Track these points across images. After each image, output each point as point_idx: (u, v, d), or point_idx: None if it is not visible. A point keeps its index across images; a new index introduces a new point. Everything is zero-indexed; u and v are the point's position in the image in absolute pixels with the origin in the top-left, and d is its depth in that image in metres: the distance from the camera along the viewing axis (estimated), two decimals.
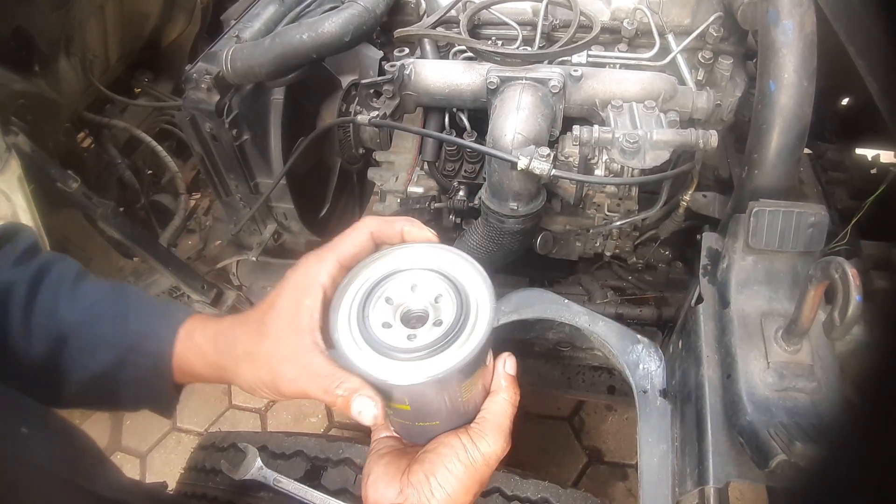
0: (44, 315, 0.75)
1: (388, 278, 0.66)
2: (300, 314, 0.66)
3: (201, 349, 0.75)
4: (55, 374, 0.76)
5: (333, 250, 0.69)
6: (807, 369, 0.86)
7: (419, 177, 1.56)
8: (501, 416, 0.69)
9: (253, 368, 0.69)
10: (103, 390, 0.78)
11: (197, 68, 1.43)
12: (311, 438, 1.25)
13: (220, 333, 0.74)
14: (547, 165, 1.11)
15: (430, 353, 0.60)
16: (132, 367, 0.76)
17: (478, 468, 0.67)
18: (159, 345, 0.76)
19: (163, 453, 2.34)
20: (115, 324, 0.77)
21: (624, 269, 1.60)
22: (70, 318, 0.76)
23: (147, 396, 0.80)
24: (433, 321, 0.63)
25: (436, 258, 0.67)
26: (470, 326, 0.61)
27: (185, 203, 2.02)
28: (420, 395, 0.63)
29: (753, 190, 1.01)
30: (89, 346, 0.76)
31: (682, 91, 1.30)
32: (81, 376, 0.76)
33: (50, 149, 1.70)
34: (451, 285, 0.64)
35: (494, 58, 1.28)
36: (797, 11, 0.99)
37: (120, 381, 0.77)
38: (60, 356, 0.75)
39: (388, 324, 0.63)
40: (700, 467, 0.88)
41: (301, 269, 0.69)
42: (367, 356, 0.61)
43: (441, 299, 0.64)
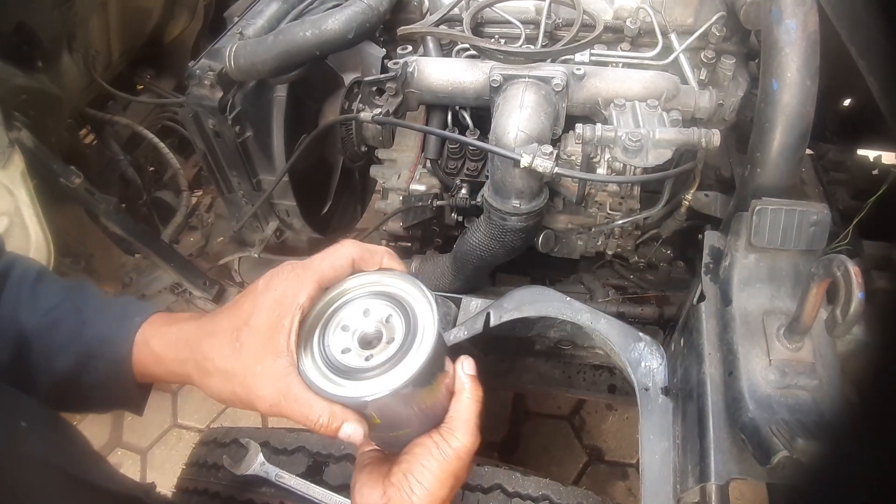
0: (6, 320, 0.76)
1: (341, 307, 0.72)
2: (278, 334, 0.67)
3: (159, 357, 0.76)
4: (24, 379, 0.76)
5: (313, 271, 0.71)
6: (808, 367, 0.86)
7: (421, 174, 1.56)
8: (467, 412, 0.74)
9: (225, 383, 0.70)
10: (71, 393, 0.79)
11: (200, 65, 1.44)
12: (313, 435, 1.25)
13: (181, 341, 0.74)
14: (549, 163, 1.11)
15: (386, 368, 0.66)
16: (93, 373, 0.77)
17: (450, 462, 0.72)
18: (116, 350, 0.77)
19: (164, 450, 2.34)
20: (73, 329, 0.77)
21: (625, 267, 1.61)
22: (31, 324, 0.76)
23: (113, 399, 0.81)
24: (386, 340, 0.69)
25: (382, 283, 0.74)
26: (419, 340, 0.68)
27: (186, 200, 2.02)
28: (386, 407, 0.68)
29: (756, 188, 1.01)
30: (51, 352, 0.77)
31: (684, 90, 1.30)
32: (47, 380, 0.77)
33: (52, 144, 1.71)
34: (399, 306, 0.71)
35: (497, 56, 1.29)
36: (800, 11, 0.99)
37: (84, 385, 0.78)
38: (27, 360, 0.76)
39: (347, 349, 0.69)
40: (702, 464, 0.89)
41: (279, 287, 0.70)
42: (333, 379, 0.67)
43: (391, 319, 0.71)
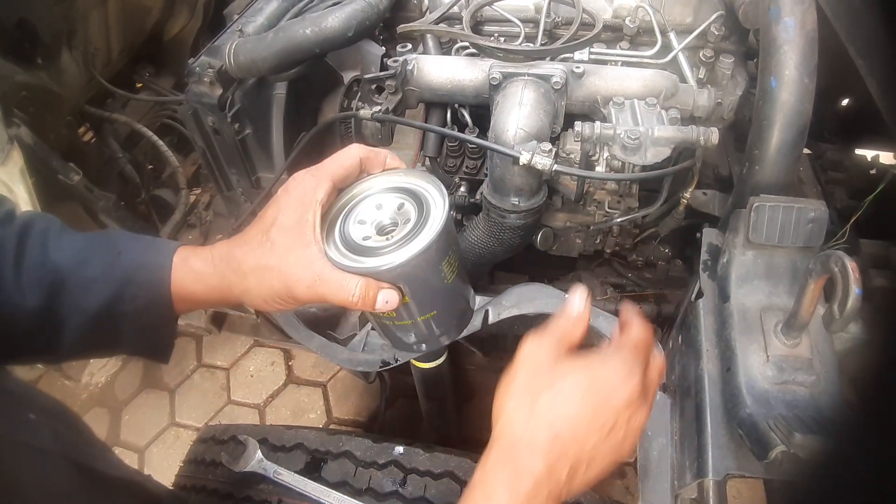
0: (35, 265, 0.75)
1: (356, 204, 0.80)
2: (304, 228, 0.73)
3: (199, 274, 0.77)
4: (53, 323, 0.76)
5: (326, 170, 0.77)
6: (806, 363, 0.87)
7: None
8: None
9: (264, 280, 0.74)
10: (103, 330, 0.78)
11: (200, 62, 1.44)
12: (312, 431, 1.26)
13: (217, 257, 0.77)
14: (549, 161, 1.12)
15: (407, 240, 0.73)
16: (130, 301, 0.77)
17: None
18: (155, 274, 0.77)
19: (161, 448, 2.34)
20: (107, 260, 0.77)
21: (624, 266, 1.61)
22: (63, 262, 0.76)
23: (147, 331, 0.80)
24: (402, 223, 0.77)
25: (391, 180, 0.82)
26: (433, 214, 0.76)
27: (185, 198, 2.02)
28: (412, 278, 0.75)
29: (754, 185, 1.02)
30: (85, 286, 0.76)
31: (683, 89, 1.30)
32: (80, 319, 0.76)
33: (51, 141, 1.71)
34: (409, 195, 0.79)
35: (497, 54, 1.29)
36: (798, 9, 1.00)
37: (119, 316, 0.77)
38: (57, 302, 0.75)
39: (367, 236, 0.77)
40: (699, 460, 0.89)
41: (298, 188, 0.76)
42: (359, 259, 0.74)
43: (403, 207, 0.79)
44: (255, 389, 2.43)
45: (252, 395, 2.42)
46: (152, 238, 0.83)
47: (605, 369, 0.68)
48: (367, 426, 2.25)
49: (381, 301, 0.72)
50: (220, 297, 0.78)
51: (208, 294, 0.78)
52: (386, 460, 1.16)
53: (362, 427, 2.26)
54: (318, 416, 2.31)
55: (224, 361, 2.55)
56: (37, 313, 0.74)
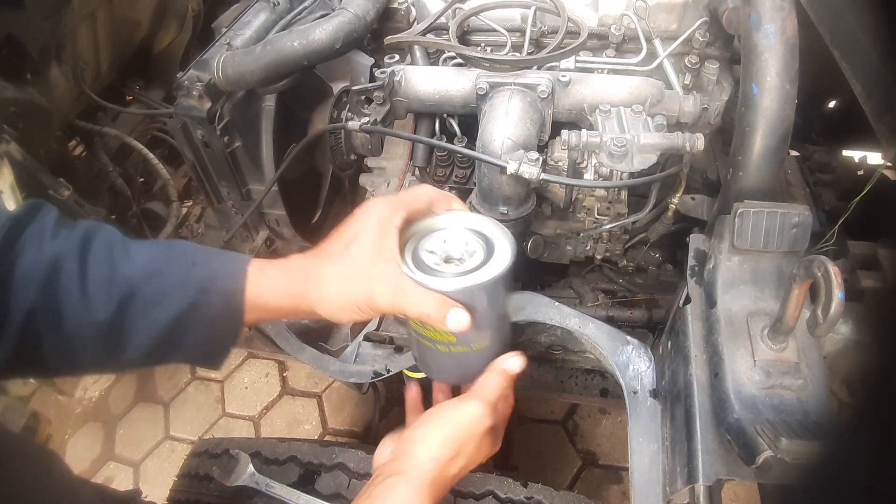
0: (102, 279, 0.75)
1: (426, 235, 0.87)
2: (384, 247, 0.79)
3: (275, 282, 0.81)
4: (122, 335, 0.76)
5: (403, 201, 0.84)
6: (793, 367, 0.87)
7: (411, 182, 1.57)
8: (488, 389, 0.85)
9: (346, 287, 0.79)
10: (171, 339, 0.79)
11: (188, 75, 1.44)
12: (305, 444, 1.25)
13: (293, 267, 0.82)
14: (536, 170, 1.12)
15: (477, 269, 0.82)
16: (204, 309, 0.79)
17: (459, 424, 0.81)
18: (232, 282, 0.79)
19: (156, 462, 2.33)
20: (183, 270, 0.79)
21: (614, 271, 1.61)
22: (134, 274, 0.77)
23: (212, 340, 0.82)
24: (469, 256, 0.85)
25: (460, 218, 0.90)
26: (500, 251, 0.84)
27: (176, 210, 2.02)
28: (480, 303, 0.81)
29: (738, 191, 1.02)
30: (158, 297, 0.77)
31: (669, 95, 1.31)
32: (151, 330, 0.77)
33: (41, 156, 1.71)
34: (474, 233, 0.87)
35: (483, 64, 1.30)
36: (779, 16, 1.01)
37: (190, 325, 0.79)
38: (127, 314, 0.76)
39: (437, 263, 0.84)
40: (689, 466, 0.89)
41: (377, 212, 0.82)
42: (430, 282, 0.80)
43: (468, 244, 0.86)
44: (249, 401, 2.43)
45: (247, 408, 2.41)
46: (224, 250, 0.86)
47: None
48: (363, 436, 2.25)
49: (452, 320, 0.78)
50: (293, 306, 0.81)
51: (281, 302, 0.81)
52: None
53: (358, 437, 2.26)
54: (314, 428, 2.30)
55: (218, 374, 2.55)
56: (105, 325, 0.75)
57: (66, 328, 0.74)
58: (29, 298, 0.72)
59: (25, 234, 0.75)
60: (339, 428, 2.30)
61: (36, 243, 0.75)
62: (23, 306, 0.72)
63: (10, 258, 0.73)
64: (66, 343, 0.74)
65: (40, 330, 0.73)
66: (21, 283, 0.72)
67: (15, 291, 0.72)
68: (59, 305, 0.74)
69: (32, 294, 0.73)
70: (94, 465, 2.36)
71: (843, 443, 0.61)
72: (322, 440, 2.23)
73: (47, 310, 0.73)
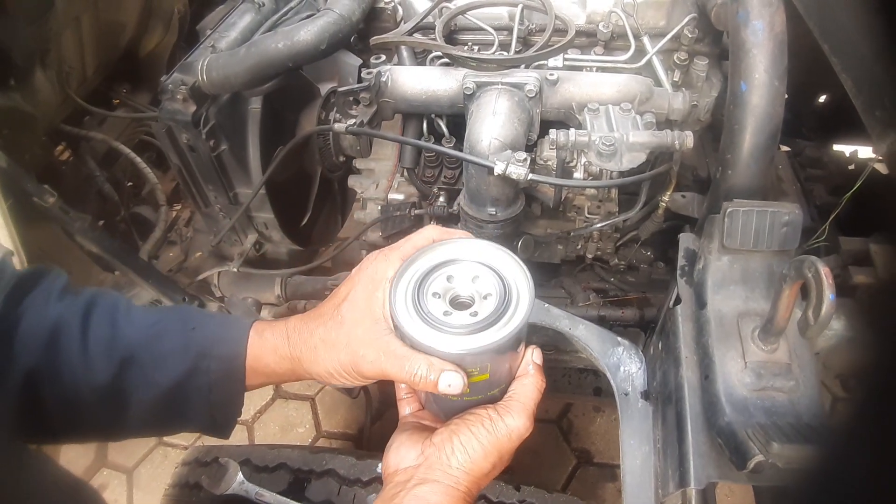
0: (103, 341, 0.76)
1: (432, 271, 0.75)
2: (374, 304, 0.75)
3: (274, 345, 0.79)
4: (119, 400, 0.76)
5: (399, 251, 0.78)
6: (784, 368, 0.86)
7: (399, 183, 1.56)
8: (527, 396, 0.75)
9: (332, 353, 0.75)
10: (172, 405, 0.79)
11: (172, 79, 1.42)
12: (294, 450, 1.24)
13: (290, 330, 0.79)
14: (523, 170, 1.11)
15: (484, 326, 0.69)
16: (204, 374, 0.78)
17: (500, 438, 0.72)
18: (233, 347, 0.79)
19: (150, 468, 2.31)
20: (182, 334, 0.79)
21: (606, 270, 1.60)
22: (134, 338, 0.77)
23: (215, 406, 0.81)
24: (481, 300, 0.73)
25: (473, 251, 0.77)
26: (514, 304, 0.71)
27: (165, 214, 1.99)
28: (492, 359, 0.71)
29: (728, 190, 1.01)
30: (159, 360, 0.77)
31: (658, 93, 1.30)
32: (151, 393, 0.77)
33: (27, 163, 1.68)
34: (489, 270, 0.75)
35: (470, 63, 1.28)
36: (767, 12, 0.99)
37: (191, 391, 0.78)
38: (126, 378, 0.76)
39: (447, 311, 0.72)
40: (681, 469, 0.88)
41: (370, 267, 0.78)
42: (430, 335, 0.69)
43: (479, 281, 0.74)
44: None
45: None
46: (226, 314, 0.85)
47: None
48: (357, 439, 2.24)
49: (443, 384, 0.69)
50: (291, 369, 0.79)
51: (280, 365, 0.79)
52: (370, 477, 1.15)
53: (352, 440, 2.25)
54: (307, 431, 2.29)
55: None
56: (105, 388, 0.75)
57: (67, 390, 0.74)
58: (30, 359, 0.73)
59: (31, 295, 0.77)
60: (332, 431, 2.29)
61: (41, 305, 0.76)
62: (24, 366, 0.72)
63: (14, 317, 0.74)
64: (68, 405, 0.75)
65: (42, 391, 0.74)
66: (23, 343, 0.73)
67: (17, 350, 0.73)
68: (60, 367, 0.74)
69: (34, 354, 0.73)
70: (87, 472, 2.34)
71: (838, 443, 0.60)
72: (312, 446, 2.21)
73: (48, 371, 0.73)
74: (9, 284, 0.75)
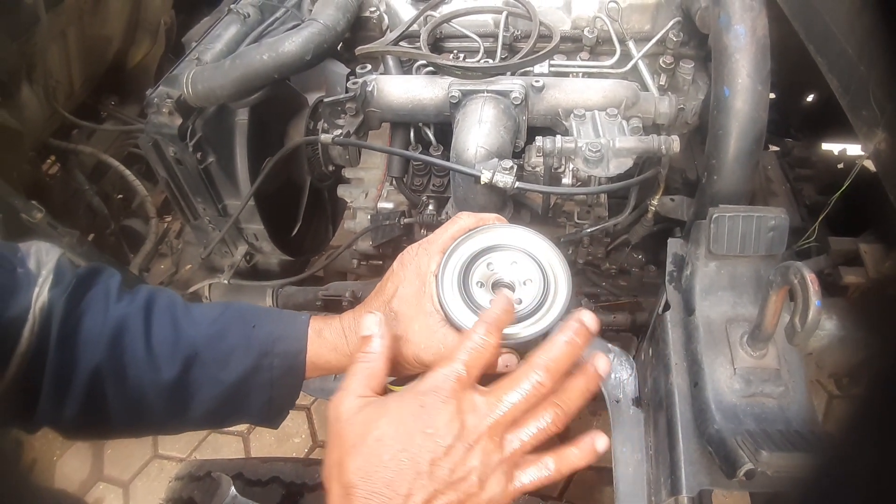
0: (166, 341, 0.77)
1: (473, 261, 0.78)
2: (423, 299, 0.77)
3: (334, 344, 0.81)
4: (184, 396, 0.78)
5: (438, 244, 0.79)
6: (773, 374, 0.86)
7: (389, 192, 1.55)
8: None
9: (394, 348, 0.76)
10: (234, 400, 0.81)
11: (158, 92, 1.41)
12: (288, 464, 1.24)
13: (346, 329, 0.81)
14: (510, 178, 1.11)
15: (531, 311, 0.74)
16: (266, 371, 0.80)
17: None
18: (294, 345, 0.81)
19: (146, 481, 2.30)
20: (244, 332, 0.81)
21: (598, 275, 1.60)
22: (197, 337, 0.79)
23: (274, 400, 0.83)
24: (521, 286, 0.77)
25: (509, 237, 0.79)
26: (553, 288, 0.75)
27: (155, 227, 1.98)
28: (532, 343, 0.73)
29: (713, 195, 1.01)
30: (222, 358, 0.79)
31: (644, 97, 1.30)
32: (216, 390, 0.79)
33: (14, 179, 1.68)
34: (525, 255, 0.78)
35: (455, 71, 1.28)
36: (748, 16, 0.99)
37: (253, 387, 0.81)
38: (190, 376, 0.78)
39: (493, 299, 0.73)
40: (673, 476, 0.88)
41: (413, 262, 0.79)
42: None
43: (518, 267, 0.77)
44: None
45: None
46: (283, 310, 0.87)
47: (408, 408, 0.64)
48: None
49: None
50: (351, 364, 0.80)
51: (340, 362, 0.82)
52: None
53: None
54: (303, 441, 2.28)
55: None
56: (170, 386, 0.77)
57: (132, 388, 0.76)
58: (95, 358, 0.75)
59: (90, 294, 0.79)
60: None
61: (101, 304, 0.78)
62: (89, 365, 0.74)
63: (76, 316, 0.76)
64: (131, 403, 0.77)
65: (105, 389, 0.76)
66: (87, 343, 0.75)
67: (81, 350, 0.74)
68: (125, 365, 0.76)
69: (98, 354, 0.75)
70: (83, 486, 2.33)
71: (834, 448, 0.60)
72: (306, 459, 2.20)
73: (113, 369, 0.75)
74: (70, 285, 0.77)
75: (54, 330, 0.73)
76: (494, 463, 0.62)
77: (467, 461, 0.61)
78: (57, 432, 0.81)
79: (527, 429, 0.65)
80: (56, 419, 0.76)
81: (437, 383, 0.64)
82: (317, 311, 1.61)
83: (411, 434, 0.61)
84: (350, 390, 0.67)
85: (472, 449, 0.62)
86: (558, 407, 0.66)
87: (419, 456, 0.60)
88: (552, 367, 0.65)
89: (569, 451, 0.68)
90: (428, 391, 0.64)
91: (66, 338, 0.74)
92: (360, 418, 0.64)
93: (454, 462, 0.61)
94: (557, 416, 0.66)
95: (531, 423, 0.65)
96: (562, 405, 0.66)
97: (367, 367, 0.70)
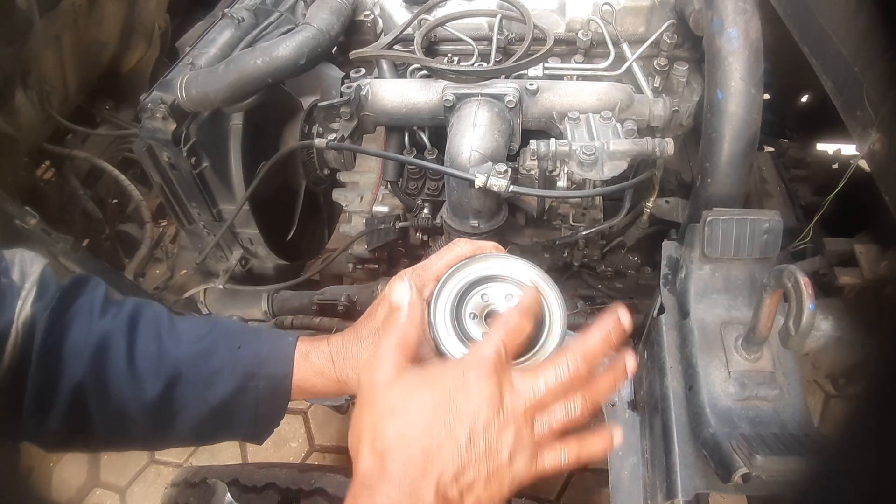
0: (150, 358, 0.77)
1: (467, 291, 0.75)
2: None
3: (320, 369, 0.80)
4: (166, 415, 0.77)
5: (432, 271, 0.77)
6: (768, 377, 0.86)
7: (384, 196, 1.55)
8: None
9: None
10: (218, 420, 0.80)
11: (152, 97, 1.41)
12: (283, 469, 1.23)
13: (334, 353, 0.80)
14: (504, 182, 1.11)
15: (527, 349, 0.70)
16: (252, 392, 0.79)
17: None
18: (280, 368, 0.80)
19: (142, 487, 2.29)
20: (230, 352, 0.80)
21: (593, 277, 1.60)
22: (181, 356, 0.78)
23: (258, 420, 0.82)
24: None
25: (504, 268, 0.76)
26: (547, 323, 0.72)
27: (150, 232, 1.98)
28: None
29: (707, 198, 1.01)
30: (207, 378, 0.78)
31: (638, 99, 1.30)
32: (199, 410, 0.78)
33: (8, 185, 1.67)
34: (520, 288, 0.74)
35: (449, 75, 1.28)
36: (741, 19, 0.99)
37: (236, 407, 0.80)
38: (173, 395, 0.77)
39: (486, 332, 0.71)
40: (668, 480, 0.88)
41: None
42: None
43: (513, 301, 0.74)
44: None
45: None
46: (269, 330, 0.87)
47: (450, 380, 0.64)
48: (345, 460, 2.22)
49: None
50: (338, 390, 0.81)
51: (327, 386, 0.81)
52: None
53: (345, 453, 2.23)
54: (300, 445, 2.27)
55: None
56: (153, 403, 0.76)
57: (115, 404, 0.76)
58: (78, 373, 0.74)
59: (74, 307, 0.77)
60: (326, 444, 2.27)
61: (85, 318, 0.77)
62: (72, 380, 0.74)
63: (58, 330, 0.75)
64: (115, 419, 0.76)
65: (89, 405, 0.75)
66: (70, 357, 0.74)
67: (64, 365, 0.74)
68: (108, 382, 0.75)
69: (82, 368, 0.74)
70: (79, 492, 2.32)
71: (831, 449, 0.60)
72: (301, 464, 2.19)
73: (96, 386, 0.75)
74: (53, 298, 0.76)
75: (37, 345, 0.73)
76: (525, 442, 0.64)
77: (502, 437, 0.62)
78: (40, 447, 0.80)
79: (556, 413, 0.66)
80: (39, 433, 0.75)
81: (482, 357, 0.64)
82: (312, 314, 1.61)
83: (454, 405, 0.62)
84: (385, 358, 0.67)
85: (508, 426, 0.63)
86: (587, 397, 0.67)
87: (459, 428, 0.61)
88: (589, 357, 0.66)
89: (590, 439, 0.68)
90: (472, 364, 0.64)
91: (49, 353, 0.73)
92: (399, 385, 0.64)
93: (490, 437, 0.62)
94: (585, 405, 0.67)
95: (561, 409, 0.66)
96: (590, 396, 0.67)
97: (400, 336, 0.68)
